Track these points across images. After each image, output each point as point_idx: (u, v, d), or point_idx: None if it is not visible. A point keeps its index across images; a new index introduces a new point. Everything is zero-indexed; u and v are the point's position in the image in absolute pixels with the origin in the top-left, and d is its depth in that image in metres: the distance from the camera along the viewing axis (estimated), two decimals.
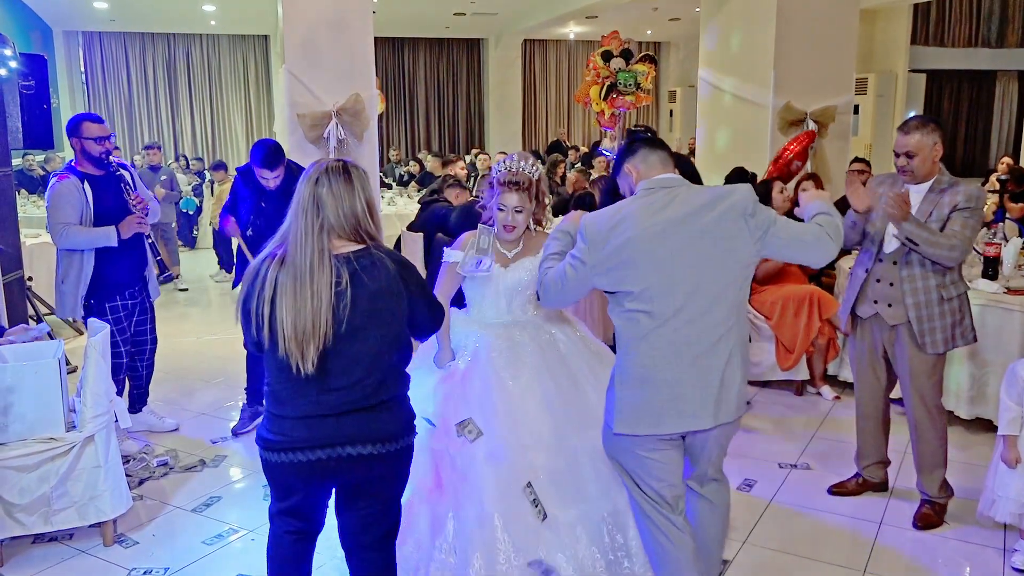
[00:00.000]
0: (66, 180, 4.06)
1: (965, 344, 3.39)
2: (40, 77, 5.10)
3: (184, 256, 9.97)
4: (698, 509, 2.66)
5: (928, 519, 3.45)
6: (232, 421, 4.70)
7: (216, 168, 10.03)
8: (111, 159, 4.17)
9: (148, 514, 3.66)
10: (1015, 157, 11.16)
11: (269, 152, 4.22)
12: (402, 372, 2.32)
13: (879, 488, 3.73)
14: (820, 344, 4.99)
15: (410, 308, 2.26)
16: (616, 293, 2.44)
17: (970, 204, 3.19)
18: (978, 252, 4.56)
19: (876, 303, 3.40)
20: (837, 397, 5.00)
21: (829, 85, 6.98)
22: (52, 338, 3.75)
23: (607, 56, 8.25)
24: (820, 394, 5.07)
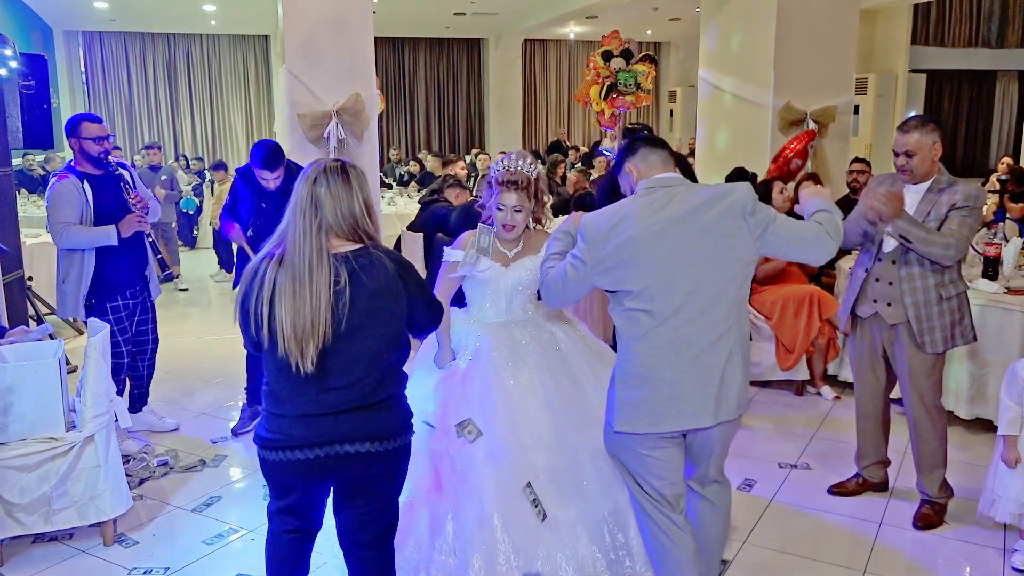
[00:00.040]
0: (65, 180, 4.07)
1: (965, 343, 3.38)
2: (40, 77, 5.11)
3: (184, 256, 9.97)
4: (699, 510, 2.66)
5: (928, 519, 3.45)
6: (232, 421, 4.71)
7: (216, 168, 10.03)
8: (110, 159, 4.18)
9: (148, 514, 3.66)
10: (1015, 157, 11.17)
11: (269, 153, 4.22)
12: (400, 371, 2.33)
13: (879, 488, 3.73)
14: (820, 344, 4.99)
15: (409, 307, 2.27)
16: (616, 292, 2.45)
17: (968, 203, 3.19)
18: (978, 252, 4.55)
19: (875, 302, 3.40)
20: (837, 397, 5.00)
21: (829, 85, 6.97)
22: (52, 338, 3.75)
23: (607, 56, 8.24)
24: (820, 394, 5.07)
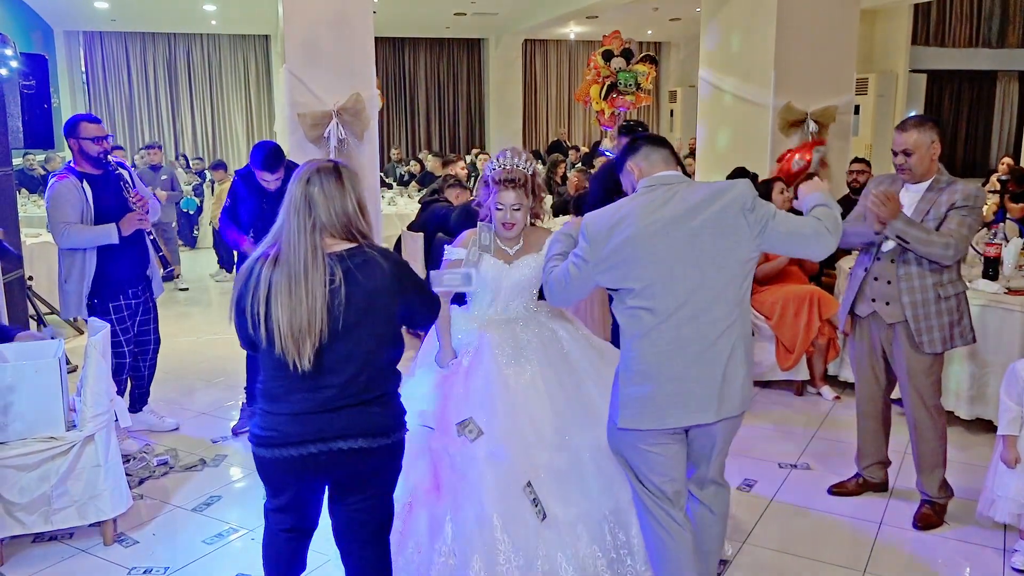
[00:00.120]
0: (65, 180, 4.07)
1: (964, 344, 3.38)
2: (41, 77, 5.11)
3: (184, 256, 9.98)
4: (697, 515, 2.66)
5: (928, 519, 3.45)
6: (232, 421, 4.71)
7: (216, 168, 10.02)
8: (110, 159, 4.18)
9: (148, 513, 3.66)
10: (1015, 157, 11.18)
11: (269, 154, 4.22)
12: (394, 369, 2.34)
13: (879, 488, 3.73)
14: (820, 344, 4.99)
15: (407, 304, 2.28)
16: (618, 290, 2.45)
17: (967, 203, 3.19)
18: (978, 252, 4.55)
19: (874, 301, 3.40)
20: (837, 397, 5.00)
21: (829, 85, 6.96)
22: (53, 338, 3.75)
23: (608, 55, 8.25)
24: (820, 394, 5.07)
